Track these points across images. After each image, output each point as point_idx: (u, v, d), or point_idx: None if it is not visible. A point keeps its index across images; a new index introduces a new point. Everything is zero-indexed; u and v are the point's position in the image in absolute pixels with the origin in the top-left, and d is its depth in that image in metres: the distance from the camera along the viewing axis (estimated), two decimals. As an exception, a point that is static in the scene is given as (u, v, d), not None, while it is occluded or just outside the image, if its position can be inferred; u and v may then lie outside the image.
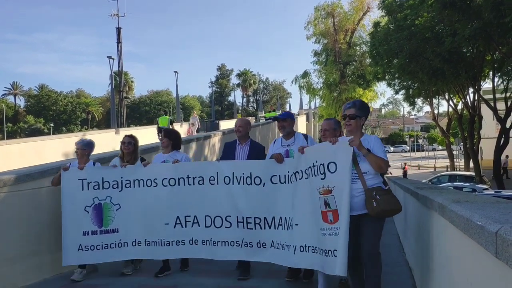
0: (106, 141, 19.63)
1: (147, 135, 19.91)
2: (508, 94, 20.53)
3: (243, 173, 5.26)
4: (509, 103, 20.80)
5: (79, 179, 5.70)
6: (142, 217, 5.64)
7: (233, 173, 5.34)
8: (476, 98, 24.89)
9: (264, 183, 5.15)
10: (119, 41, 34.88)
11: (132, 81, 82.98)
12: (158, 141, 13.14)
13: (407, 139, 77.81)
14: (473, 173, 24.16)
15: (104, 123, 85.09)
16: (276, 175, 5.07)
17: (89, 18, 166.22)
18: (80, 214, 5.62)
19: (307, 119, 55.75)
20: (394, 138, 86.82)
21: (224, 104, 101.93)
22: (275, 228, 5.03)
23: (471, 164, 26.55)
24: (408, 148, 73.25)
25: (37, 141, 20.88)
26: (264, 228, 5.11)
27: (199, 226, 5.49)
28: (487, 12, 15.29)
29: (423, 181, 17.10)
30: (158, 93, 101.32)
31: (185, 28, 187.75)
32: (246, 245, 5.23)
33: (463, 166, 32.13)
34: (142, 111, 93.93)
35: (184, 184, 5.55)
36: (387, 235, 9.41)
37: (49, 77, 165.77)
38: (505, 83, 19.78)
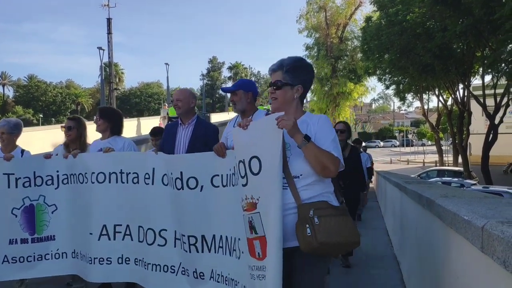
0: (95, 132, 19.47)
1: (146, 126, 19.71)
2: (497, 91, 20.68)
3: (171, 173, 3.55)
4: (498, 99, 20.97)
5: (4, 174, 4.27)
6: (76, 223, 4.24)
7: (168, 170, 3.65)
8: (465, 94, 25.06)
9: (201, 187, 3.37)
10: (109, 32, 34.57)
11: (122, 73, 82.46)
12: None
13: (396, 134, 78.17)
14: (461, 169, 24.35)
15: (94, 115, 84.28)
16: (218, 175, 3.27)
17: (80, 8, 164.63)
18: (6, 218, 4.26)
19: (298, 113, 55.74)
20: (384, 133, 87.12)
21: (215, 97, 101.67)
22: (215, 252, 3.31)
23: (460, 160, 26.76)
24: (397, 143, 73.60)
25: (25, 132, 20.66)
26: (202, 252, 3.38)
27: (131, 239, 3.89)
28: (478, 9, 15.39)
29: (412, 176, 17.23)
30: (148, 85, 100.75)
31: (176, 19, 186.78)
32: (183, 273, 3.55)
33: (451, 162, 32.38)
34: (132, 103, 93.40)
35: (116, 182, 3.96)
36: (376, 230, 9.49)
37: (39, 67, 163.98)
38: (494, 80, 19.92)
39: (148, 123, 26.84)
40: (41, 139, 18.55)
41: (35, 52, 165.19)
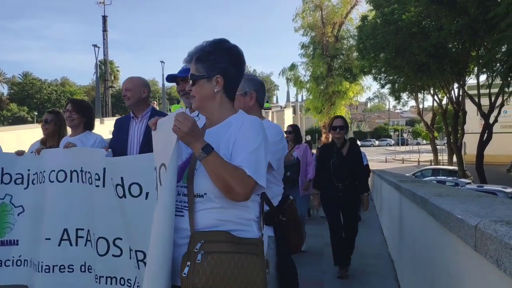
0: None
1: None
2: (492, 90, 20.76)
3: (111, 178, 3.01)
4: (492, 99, 21.05)
5: None
6: (38, 227, 3.72)
7: (112, 173, 3.16)
8: (460, 93, 25.13)
9: (146, 194, 2.83)
10: (105, 30, 34.50)
11: (117, 70, 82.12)
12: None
13: (392, 133, 78.37)
14: (456, 168, 24.43)
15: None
16: None
17: (75, 5, 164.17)
18: None
19: (294, 112, 55.86)
20: (379, 132, 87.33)
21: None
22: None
23: (455, 159, 26.85)
24: (392, 142, 73.78)
25: (20, 130, 20.61)
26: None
27: (91, 246, 3.38)
28: (473, 8, 15.44)
29: (407, 174, 17.28)
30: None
31: (172, 17, 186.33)
32: None
33: (446, 161, 32.48)
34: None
35: (78, 181, 3.46)
36: (370, 228, 9.51)
37: (34, 64, 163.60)
38: (489, 80, 20.00)
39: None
40: (35, 137, 18.48)
41: (30, 49, 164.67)
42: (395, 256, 6.02)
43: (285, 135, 7.66)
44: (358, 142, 14.04)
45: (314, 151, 10.06)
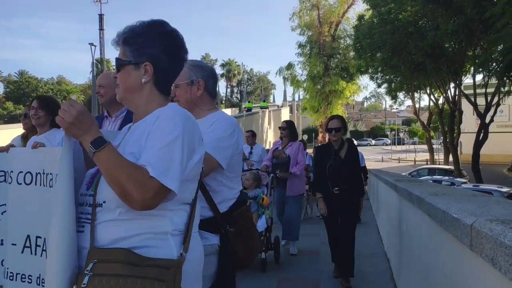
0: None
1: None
2: (488, 90, 20.83)
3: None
4: (489, 98, 21.11)
5: None
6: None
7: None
8: (457, 93, 25.18)
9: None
10: (101, 28, 34.38)
11: (114, 69, 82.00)
12: None
13: (388, 133, 78.48)
14: (452, 167, 24.49)
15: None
16: None
17: (72, 3, 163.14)
18: None
19: (291, 111, 55.86)
20: (376, 131, 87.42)
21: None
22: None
23: (451, 158, 26.92)
24: (389, 141, 73.87)
25: (16, 128, 20.52)
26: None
27: (46, 257, 2.92)
28: (470, 8, 15.48)
29: (403, 174, 17.31)
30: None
31: (169, 16, 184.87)
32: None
33: (442, 160, 32.56)
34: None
35: (40, 184, 2.95)
36: (367, 227, 9.52)
37: (30, 63, 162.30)
38: (485, 79, 20.07)
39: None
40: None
41: (26, 48, 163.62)
42: (391, 255, 6.03)
43: (279, 131, 7.01)
44: (355, 142, 14.10)
45: (310, 150, 9.97)
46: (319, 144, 9.55)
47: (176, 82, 2.28)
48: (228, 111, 46.79)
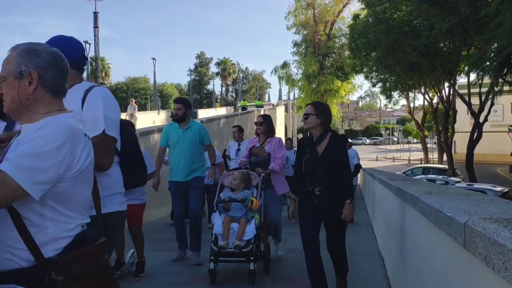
0: (81, 127, 19.39)
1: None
2: (482, 89, 20.92)
3: None
4: (483, 98, 21.21)
5: None
6: None
7: None
8: (451, 92, 25.29)
9: None
10: (96, 26, 34.23)
11: (109, 67, 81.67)
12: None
13: (382, 132, 78.74)
14: (446, 166, 24.60)
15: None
16: None
17: (66, 1, 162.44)
18: None
19: (286, 110, 55.87)
20: (370, 130, 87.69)
21: (203, 92, 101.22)
22: None
23: (445, 157, 27.04)
24: (381, 139, 74.10)
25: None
26: None
27: None
28: (464, 8, 15.53)
29: (397, 173, 17.37)
30: (135, 79, 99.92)
31: (164, 14, 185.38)
32: None
33: (436, 159, 32.70)
34: (119, 98, 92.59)
35: None
36: (360, 226, 9.55)
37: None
38: (478, 78, 20.16)
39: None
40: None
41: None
42: (385, 253, 6.04)
43: (255, 127, 6.26)
44: (350, 141, 14.12)
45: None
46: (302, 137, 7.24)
47: (1, 74, 1.77)
48: (223, 110, 46.72)
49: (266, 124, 6.15)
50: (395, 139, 67.89)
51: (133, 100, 29.03)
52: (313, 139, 4.31)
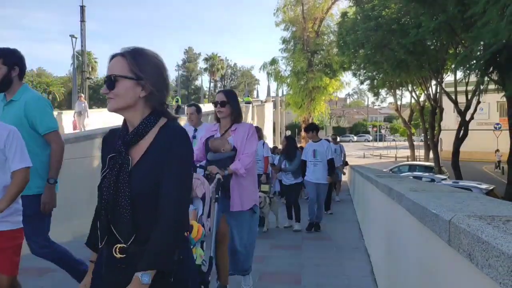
0: (67, 122, 19.13)
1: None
2: (469, 88, 21.14)
3: None
4: (469, 96, 21.43)
5: None
6: None
7: None
8: (438, 90, 25.52)
9: None
10: (82, 20, 33.86)
11: (95, 62, 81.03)
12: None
13: (370, 129, 79.14)
14: (432, 164, 24.83)
15: (66, 104, 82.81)
16: None
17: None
18: None
19: (274, 107, 55.93)
20: (358, 127, 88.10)
21: (191, 88, 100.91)
22: None
23: (431, 155, 27.29)
24: (371, 138, 74.50)
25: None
26: None
27: None
28: (452, 6, 15.65)
29: (384, 170, 17.49)
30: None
31: (152, 8, 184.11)
32: None
33: (423, 157, 32.98)
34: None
35: None
36: (347, 222, 9.60)
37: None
38: (464, 77, 20.36)
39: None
40: (10, 128, 18.12)
41: (6, 39, 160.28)
42: (371, 249, 6.08)
43: (216, 108, 4.21)
44: (338, 138, 14.16)
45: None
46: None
47: None
48: (211, 106, 46.50)
49: (231, 104, 4.20)
50: (385, 135, 68.30)
51: (82, 95, 22.53)
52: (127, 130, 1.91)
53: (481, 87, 19.07)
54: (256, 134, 4.33)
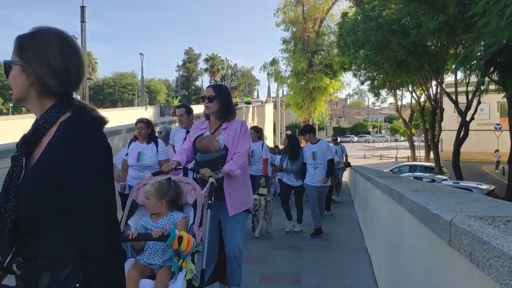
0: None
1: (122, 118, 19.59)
2: (469, 88, 21.12)
3: None
4: (469, 97, 21.41)
5: None
6: None
7: None
8: (438, 91, 25.49)
9: None
10: (83, 20, 33.88)
11: (96, 62, 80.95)
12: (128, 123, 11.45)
13: (370, 130, 79.11)
14: (433, 164, 24.79)
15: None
16: None
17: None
18: None
19: (275, 107, 55.91)
20: (358, 128, 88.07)
21: (191, 88, 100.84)
22: None
23: (432, 155, 27.26)
24: (371, 138, 74.47)
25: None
26: None
27: None
28: (452, 7, 15.65)
29: (385, 170, 17.47)
30: (122, 75, 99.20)
31: (152, 9, 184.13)
32: None
33: (423, 157, 32.95)
34: (106, 93, 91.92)
35: None
36: (348, 223, 9.59)
37: (9, 55, 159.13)
38: (465, 77, 20.35)
39: (122, 114, 26.50)
40: (11, 129, 18.13)
41: (6, 39, 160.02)
42: (372, 250, 6.08)
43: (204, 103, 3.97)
44: (338, 139, 14.13)
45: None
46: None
47: None
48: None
49: (219, 99, 3.89)
50: (386, 135, 68.29)
51: (78, 97, 22.08)
52: None
53: (482, 87, 19.02)
54: (248, 131, 4.15)
